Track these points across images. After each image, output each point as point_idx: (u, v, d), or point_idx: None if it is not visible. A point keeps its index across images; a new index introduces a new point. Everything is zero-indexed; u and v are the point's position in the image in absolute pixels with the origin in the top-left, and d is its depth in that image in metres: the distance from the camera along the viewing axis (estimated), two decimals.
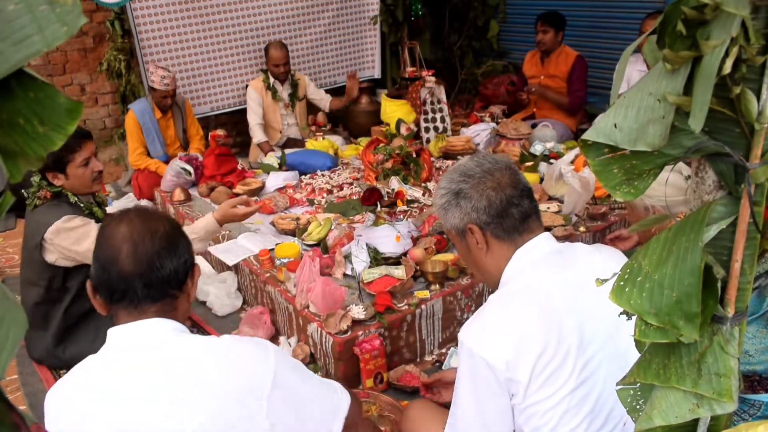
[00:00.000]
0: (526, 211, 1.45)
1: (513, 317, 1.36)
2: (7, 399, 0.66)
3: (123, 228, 1.30)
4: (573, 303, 1.36)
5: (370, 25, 6.01)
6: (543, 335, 1.31)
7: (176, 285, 1.34)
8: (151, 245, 1.29)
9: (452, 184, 1.50)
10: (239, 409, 1.20)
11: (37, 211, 2.46)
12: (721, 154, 0.75)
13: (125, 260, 1.27)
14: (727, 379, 0.75)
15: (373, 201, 3.52)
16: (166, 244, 1.31)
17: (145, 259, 1.28)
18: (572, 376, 1.32)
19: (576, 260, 1.45)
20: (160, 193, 4.27)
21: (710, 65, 0.67)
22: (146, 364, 1.23)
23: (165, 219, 1.37)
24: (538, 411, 1.33)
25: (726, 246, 0.78)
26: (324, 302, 2.54)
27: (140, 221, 1.32)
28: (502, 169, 1.48)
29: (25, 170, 0.63)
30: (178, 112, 4.72)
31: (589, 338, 1.34)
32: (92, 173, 2.50)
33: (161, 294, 1.31)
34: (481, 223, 1.45)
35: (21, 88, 0.59)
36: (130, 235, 1.29)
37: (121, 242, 1.28)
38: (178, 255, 1.33)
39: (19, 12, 0.56)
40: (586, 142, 0.81)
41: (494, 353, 1.31)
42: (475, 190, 1.45)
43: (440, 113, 4.68)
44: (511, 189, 1.44)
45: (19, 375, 2.73)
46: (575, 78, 4.88)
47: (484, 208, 1.44)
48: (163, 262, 1.29)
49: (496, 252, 1.47)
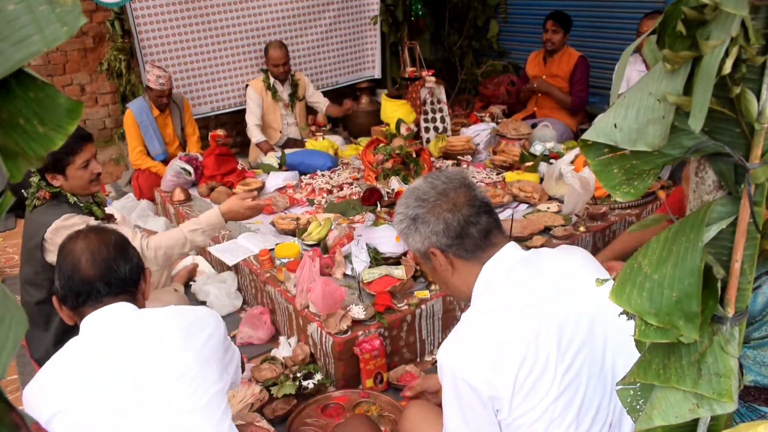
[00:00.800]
0: (485, 227, 1.43)
1: (488, 333, 1.34)
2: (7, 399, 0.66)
3: (80, 242, 1.54)
4: (546, 308, 1.34)
5: (370, 25, 6.01)
6: (520, 346, 1.29)
7: (132, 284, 1.57)
8: (106, 252, 1.54)
9: (408, 209, 1.47)
10: (210, 365, 1.48)
11: (36, 211, 2.46)
12: (721, 154, 0.75)
13: (86, 266, 1.50)
14: (727, 379, 0.75)
15: (373, 201, 3.52)
16: (119, 251, 1.57)
17: (103, 264, 1.52)
18: (554, 383, 1.30)
19: (544, 266, 1.44)
20: (160, 193, 4.27)
21: (710, 65, 0.67)
22: (111, 349, 1.41)
23: (112, 232, 1.63)
24: (523, 424, 1.31)
25: (726, 246, 0.78)
26: (324, 302, 2.54)
27: (93, 235, 1.58)
28: (457, 188, 1.45)
29: (25, 170, 0.63)
30: (176, 110, 4.72)
31: (567, 342, 1.32)
32: (91, 175, 2.50)
33: (120, 290, 1.53)
34: (443, 246, 1.43)
35: (21, 88, 0.59)
36: (87, 246, 1.53)
37: (80, 253, 1.52)
38: (130, 259, 1.58)
39: (19, 12, 0.56)
40: (586, 142, 0.81)
41: (474, 373, 1.29)
42: (431, 214, 1.43)
43: (440, 113, 4.67)
44: (467, 208, 1.42)
45: (19, 375, 2.73)
46: (577, 79, 4.88)
47: (442, 231, 1.42)
48: (118, 265, 1.54)
49: (462, 271, 1.46)
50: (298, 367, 2.55)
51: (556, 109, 4.98)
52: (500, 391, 1.29)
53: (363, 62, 6.17)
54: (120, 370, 1.38)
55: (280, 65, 4.89)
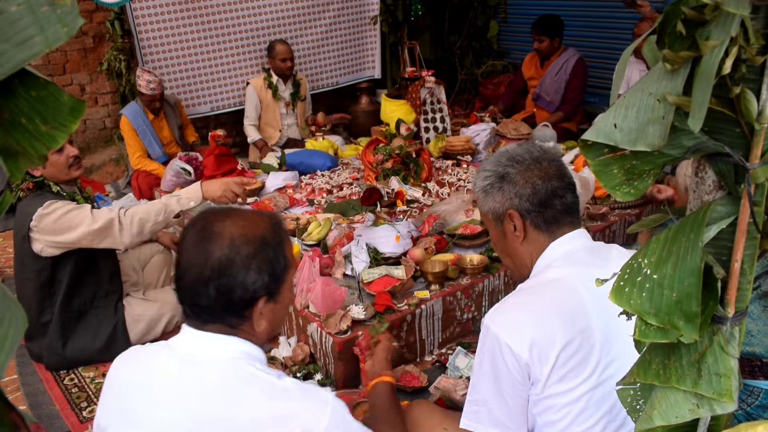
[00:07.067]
0: (569, 204, 1.44)
1: (541, 307, 1.35)
2: (7, 399, 0.67)
3: (193, 240, 1.20)
4: (601, 301, 1.34)
5: (370, 26, 6.01)
6: (569, 328, 1.30)
7: (232, 314, 1.20)
8: (200, 271, 1.17)
9: (498, 167, 1.47)
10: None
11: (21, 203, 2.49)
12: (720, 154, 0.75)
13: (180, 280, 1.21)
14: (727, 379, 0.75)
15: (372, 201, 3.52)
16: (218, 273, 1.17)
17: (191, 285, 1.19)
18: (594, 373, 1.31)
19: (609, 260, 1.43)
20: (160, 193, 4.26)
21: (710, 65, 0.67)
22: (189, 384, 1.15)
23: (229, 238, 1.19)
24: (554, 405, 1.32)
25: (726, 246, 0.78)
26: (324, 302, 2.54)
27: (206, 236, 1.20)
28: (550, 160, 1.46)
29: (26, 169, 0.63)
30: (170, 111, 4.71)
31: (615, 339, 1.33)
32: (68, 159, 2.52)
33: (215, 318, 1.20)
34: (522, 210, 1.44)
35: (23, 88, 0.59)
36: (192, 255, 1.19)
37: (182, 258, 1.20)
38: (233, 285, 1.18)
39: (22, 13, 0.56)
40: (586, 142, 0.81)
41: (519, 339, 1.30)
42: (521, 176, 1.44)
43: (440, 113, 4.68)
44: (557, 180, 1.43)
45: (19, 375, 2.72)
46: (573, 85, 4.85)
47: (528, 195, 1.42)
48: (207, 292, 1.17)
49: (531, 241, 1.46)
50: (298, 367, 2.55)
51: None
52: (540, 363, 1.29)
53: (363, 62, 6.17)
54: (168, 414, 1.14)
55: (287, 59, 4.88)
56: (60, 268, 2.55)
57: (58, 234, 2.42)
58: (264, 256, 1.19)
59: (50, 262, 2.52)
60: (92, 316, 2.68)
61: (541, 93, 4.98)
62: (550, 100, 4.93)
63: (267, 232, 1.23)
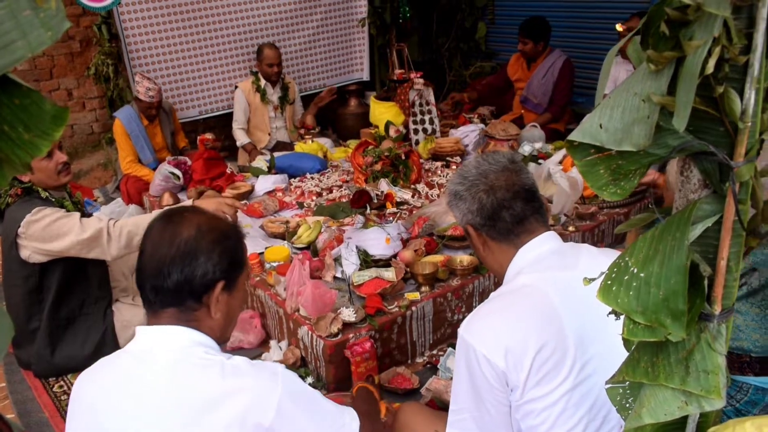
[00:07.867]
0: (519, 213, 1.45)
1: (513, 314, 1.37)
2: None
3: (159, 226, 1.29)
4: (572, 303, 1.35)
5: (359, 28, 6.01)
6: (541, 333, 1.31)
7: (191, 296, 1.26)
8: (167, 251, 1.24)
9: (452, 185, 1.55)
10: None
11: (9, 209, 2.47)
12: (705, 153, 0.76)
13: (144, 261, 1.27)
14: (715, 376, 0.76)
15: (362, 203, 3.52)
16: (183, 253, 1.24)
17: (156, 265, 1.25)
18: (570, 375, 1.32)
19: (578, 261, 1.45)
20: (149, 198, 4.24)
21: (693, 65, 0.67)
22: (146, 381, 1.21)
23: (196, 224, 1.29)
24: (534, 409, 1.33)
25: (712, 244, 0.78)
26: (314, 305, 2.53)
27: (171, 223, 1.29)
28: (499, 171, 1.48)
29: (10, 177, 0.63)
30: (165, 118, 4.69)
31: (591, 338, 1.34)
32: (57, 165, 2.50)
33: (174, 301, 1.26)
34: (476, 225, 1.49)
35: (5, 95, 0.59)
36: (160, 237, 1.27)
37: (148, 241, 1.29)
38: (195, 265, 1.25)
39: (2, 18, 0.55)
40: (573, 143, 0.81)
41: (493, 348, 1.31)
42: (468, 193, 1.49)
43: (429, 115, 4.68)
44: (503, 192, 1.45)
45: (8, 383, 2.70)
46: (560, 87, 4.85)
47: (476, 210, 1.47)
48: (171, 270, 1.23)
49: (495, 251, 1.50)
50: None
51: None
52: (516, 369, 1.30)
53: (351, 64, 6.17)
54: (140, 407, 1.20)
55: (274, 65, 4.88)
56: (48, 275, 2.54)
57: (46, 242, 2.41)
58: (226, 245, 1.30)
59: (38, 268, 2.50)
60: (81, 322, 2.66)
61: (528, 96, 4.98)
62: (538, 102, 4.93)
63: (229, 228, 1.35)
